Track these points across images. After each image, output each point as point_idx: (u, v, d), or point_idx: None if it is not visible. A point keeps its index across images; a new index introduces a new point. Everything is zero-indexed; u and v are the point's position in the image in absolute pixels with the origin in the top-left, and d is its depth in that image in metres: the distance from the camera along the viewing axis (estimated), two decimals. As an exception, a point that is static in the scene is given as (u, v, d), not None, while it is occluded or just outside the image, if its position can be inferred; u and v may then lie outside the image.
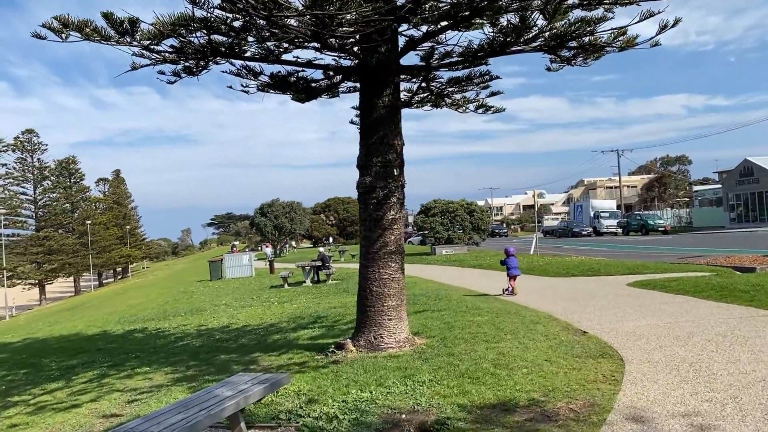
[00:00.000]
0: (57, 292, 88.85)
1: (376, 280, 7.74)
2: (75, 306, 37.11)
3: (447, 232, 37.31)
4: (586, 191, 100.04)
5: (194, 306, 18.22)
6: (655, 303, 10.31)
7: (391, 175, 7.72)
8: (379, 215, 7.71)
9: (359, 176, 7.89)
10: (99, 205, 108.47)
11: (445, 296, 13.52)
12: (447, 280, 18.75)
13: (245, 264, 31.09)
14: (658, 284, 12.67)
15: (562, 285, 14.54)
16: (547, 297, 12.34)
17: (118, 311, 21.37)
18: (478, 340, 7.80)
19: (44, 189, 75.04)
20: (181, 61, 7.72)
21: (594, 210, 58.48)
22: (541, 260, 23.61)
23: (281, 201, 56.34)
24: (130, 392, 7.24)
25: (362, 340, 7.77)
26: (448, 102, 9.60)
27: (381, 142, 7.72)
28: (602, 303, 10.81)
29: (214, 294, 22.07)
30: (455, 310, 10.79)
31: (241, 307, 16.58)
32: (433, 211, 38.06)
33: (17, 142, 71.86)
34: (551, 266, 19.91)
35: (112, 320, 17.34)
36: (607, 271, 17.00)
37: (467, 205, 38.57)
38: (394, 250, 7.77)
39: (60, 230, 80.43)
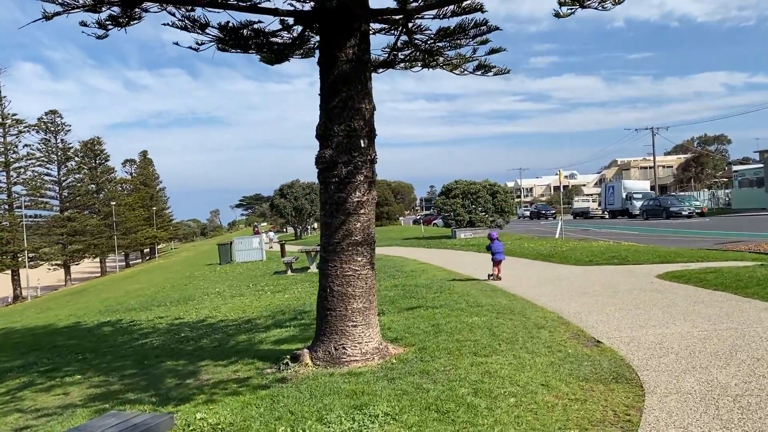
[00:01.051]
0: (85, 272, 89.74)
1: (338, 278, 6.29)
2: (81, 290, 36.58)
3: (469, 215, 35.63)
4: (619, 172, 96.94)
5: (185, 294, 17.06)
6: (689, 302, 8.66)
7: (357, 147, 6.23)
8: (341, 197, 6.24)
9: (319, 149, 6.43)
10: (125, 186, 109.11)
11: (448, 288, 12.01)
12: (459, 267, 17.22)
13: (255, 247, 29.96)
14: (692, 276, 10.96)
15: (582, 276, 12.89)
16: (562, 291, 10.74)
17: (112, 298, 20.39)
18: (464, 352, 6.31)
19: (68, 170, 74.95)
20: (102, 8, 6.32)
21: (626, 191, 55.93)
22: (565, 245, 21.88)
23: (302, 182, 55.18)
24: (30, 414, 5.95)
25: (321, 350, 6.34)
26: (440, 61, 8.02)
27: (344, 107, 6.22)
28: (625, 300, 9.18)
29: (213, 280, 20.93)
30: (452, 307, 9.29)
31: (230, 296, 15.34)
32: (454, 192, 36.37)
33: (40, 123, 71.79)
34: (574, 252, 18.23)
35: (97, 309, 16.29)
36: (635, 259, 15.27)
37: (490, 186, 36.79)
38: (361, 240, 6.30)
39: (85, 211, 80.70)
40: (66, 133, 74.81)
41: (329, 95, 6.30)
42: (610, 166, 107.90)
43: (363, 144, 6.27)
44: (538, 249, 20.72)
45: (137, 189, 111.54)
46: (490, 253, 13.51)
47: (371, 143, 6.43)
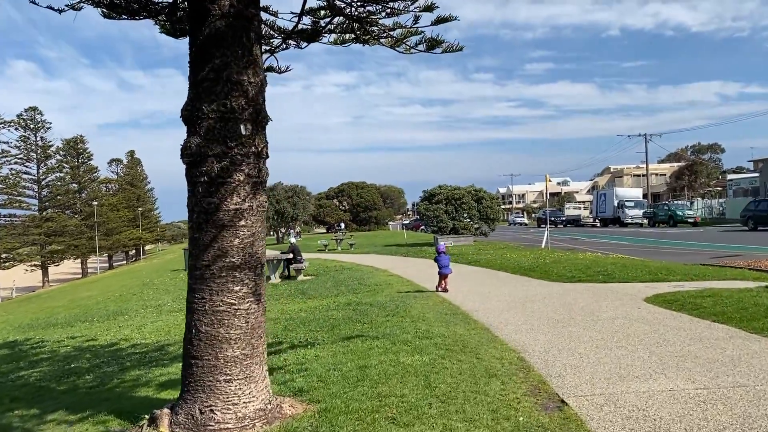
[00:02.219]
0: (66, 273, 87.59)
1: (207, 314, 4.60)
2: (33, 297, 34.72)
3: (452, 222, 34.00)
4: (612, 179, 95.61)
5: (122, 307, 15.35)
6: (683, 339, 7.00)
7: (235, 134, 4.55)
8: (212, 203, 4.55)
9: (186, 136, 4.75)
10: (110, 186, 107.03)
11: (403, 309, 10.34)
12: (428, 280, 15.53)
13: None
14: (687, 301, 9.31)
15: (561, 296, 11.24)
16: (533, 317, 9.07)
17: (49, 308, 18.62)
18: (380, 417, 4.61)
19: (48, 168, 72.99)
20: None
21: (618, 199, 54.46)
22: (550, 257, 20.28)
23: (284, 184, 53.45)
24: None
25: (183, 413, 4.64)
26: (376, 33, 6.36)
27: (217, 79, 4.54)
28: (605, 334, 7.52)
29: (164, 290, 19.18)
30: (396, 339, 7.61)
31: (167, 311, 13.64)
32: (438, 197, 34.75)
33: (19, 119, 69.83)
34: (557, 266, 16.60)
35: (18, 323, 14.54)
36: (622, 275, 13.64)
37: (475, 191, 35.18)
38: (240, 262, 4.61)
39: (67, 211, 78.68)
40: (46, 131, 72.96)
41: (198, 63, 4.62)
42: (603, 173, 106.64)
43: (244, 131, 4.59)
44: (519, 261, 19.09)
45: (123, 189, 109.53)
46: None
47: (258, 130, 4.75)
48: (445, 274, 12.91)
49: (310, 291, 14.83)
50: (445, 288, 12.94)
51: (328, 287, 15.36)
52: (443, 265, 12.89)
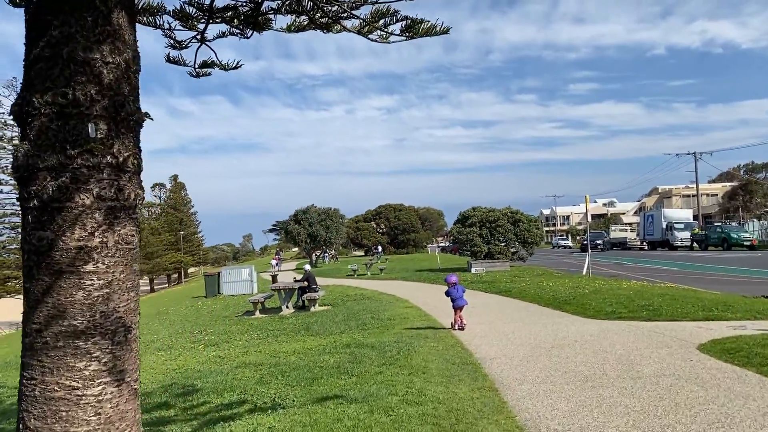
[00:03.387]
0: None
1: (39, 402, 3.13)
2: None
3: (487, 246, 32.14)
4: (660, 200, 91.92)
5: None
6: (753, 415, 5.20)
7: (78, 138, 3.11)
8: (44, 239, 3.11)
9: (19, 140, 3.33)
10: (152, 210, 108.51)
11: (405, 355, 8.74)
12: (447, 314, 13.89)
13: (245, 279, 27.03)
14: (753, 352, 7.43)
15: (595, 340, 9.45)
16: (557, 371, 7.35)
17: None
18: None
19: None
20: None
21: (667, 220, 51.56)
22: (590, 285, 18.35)
23: (317, 207, 52.42)
24: None
25: None
26: (334, 12, 4.90)
27: (55, 56, 3.12)
28: (645, 402, 5.77)
29: (170, 322, 17.99)
30: (379, 403, 6.02)
31: (155, 350, 12.33)
32: (471, 220, 33.00)
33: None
34: (597, 298, 14.73)
35: (7, 358, 13.44)
36: (670, 311, 11.73)
37: (512, 213, 33.30)
38: (85, 327, 3.11)
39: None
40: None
41: (32, 37, 3.22)
42: (650, 194, 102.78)
43: (94, 132, 3.13)
44: (555, 291, 17.24)
45: (165, 213, 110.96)
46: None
47: (120, 132, 3.29)
48: (460, 306, 11.39)
49: (315, 326, 13.35)
50: (462, 325, 11.40)
51: (337, 321, 13.86)
52: (456, 297, 11.38)
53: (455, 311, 11.51)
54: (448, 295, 11.65)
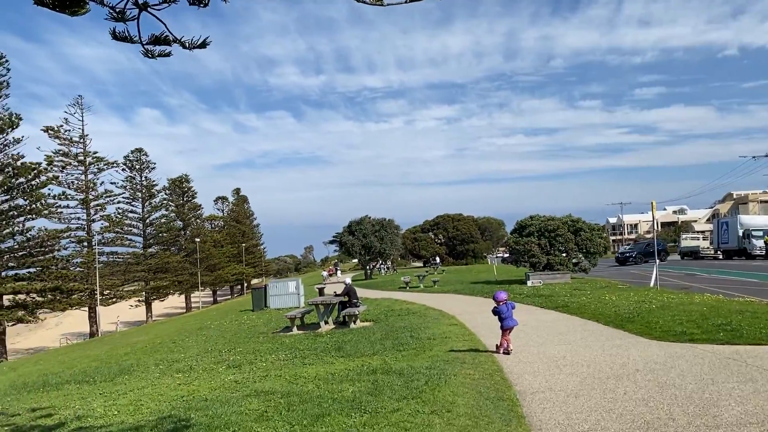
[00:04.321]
0: (174, 307, 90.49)
1: None
2: (98, 340, 34.29)
3: (546, 256, 30.37)
4: (735, 206, 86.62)
5: (139, 361, 13.49)
6: None
7: None
8: None
9: None
10: (215, 223, 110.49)
11: (436, 385, 7.55)
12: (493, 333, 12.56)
13: (291, 292, 26.28)
14: None
15: (661, 370, 7.97)
16: (611, 412, 5.98)
17: (81, 357, 17.20)
18: None
19: (153, 206, 75.42)
20: None
21: (743, 227, 48.05)
22: (658, 299, 16.63)
23: (371, 218, 51.57)
24: None
25: None
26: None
27: None
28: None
29: (204, 339, 17.28)
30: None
31: (173, 371, 11.52)
32: (529, 229, 31.30)
33: (126, 160, 72.93)
34: (664, 314, 13.11)
35: (16, 382, 12.96)
36: (752, 332, 10.07)
37: (572, 222, 31.41)
38: None
39: (172, 248, 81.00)
40: (151, 170, 75.60)
41: None
42: (724, 200, 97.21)
43: None
44: (618, 306, 15.62)
45: (228, 226, 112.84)
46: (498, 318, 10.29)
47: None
48: (509, 326, 10.11)
49: (348, 346, 12.27)
50: (507, 349, 10.12)
51: (372, 340, 12.74)
52: (505, 316, 10.08)
53: (503, 332, 10.24)
54: (495, 313, 10.37)
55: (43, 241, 48.80)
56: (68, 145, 60.91)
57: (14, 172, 46.10)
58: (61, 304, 49.02)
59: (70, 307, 51.38)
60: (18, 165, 46.35)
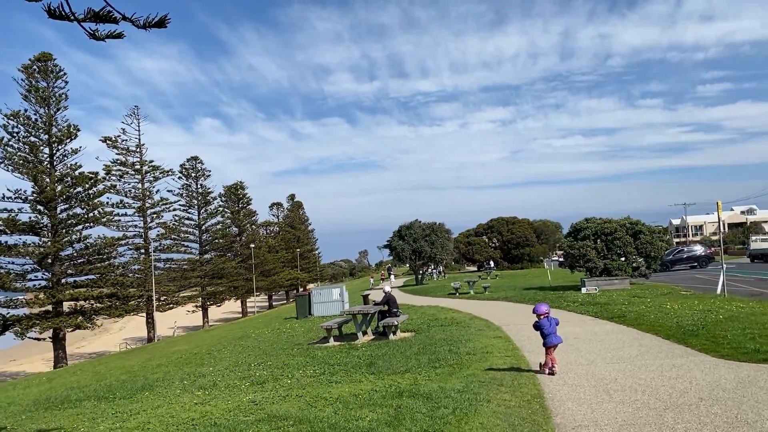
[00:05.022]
0: (231, 312, 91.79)
1: None
2: (142, 348, 34.41)
3: (603, 261, 28.75)
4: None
5: (166, 375, 13.00)
6: None
7: None
8: None
9: None
10: (270, 228, 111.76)
11: (462, 414, 6.65)
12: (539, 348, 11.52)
13: (335, 300, 25.65)
14: None
15: (731, 398, 6.82)
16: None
17: (118, 368, 16.92)
18: None
19: (208, 213, 76.55)
20: None
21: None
22: (725, 308, 15.19)
23: (421, 222, 50.60)
24: None
25: None
26: None
27: None
28: None
29: (241, 349, 16.75)
30: None
31: (193, 388, 10.94)
32: (584, 232, 29.72)
33: (182, 169, 74.31)
34: (733, 327, 11.78)
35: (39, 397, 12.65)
36: (841, 351, 8.72)
37: (631, 224, 29.65)
38: None
39: (228, 254, 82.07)
40: (206, 178, 76.82)
41: None
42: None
43: None
44: (680, 316, 14.28)
45: (283, 231, 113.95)
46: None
47: None
48: (553, 344, 9.12)
49: (380, 361, 11.43)
50: (552, 369, 9.12)
51: (407, 355, 11.87)
52: (548, 332, 9.11)
53: (546, 350, 9.24)
54: (537, 328, 9.41)
55: (101, 248, 49.91)
56: (125, 154, 62.43)
57: (72, 181, 47.36)
58: (117, 310, 50.03)
59: (126, 314, 52.42)
60: (76, 175, 47.60)
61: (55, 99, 47.83)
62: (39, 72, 47.30)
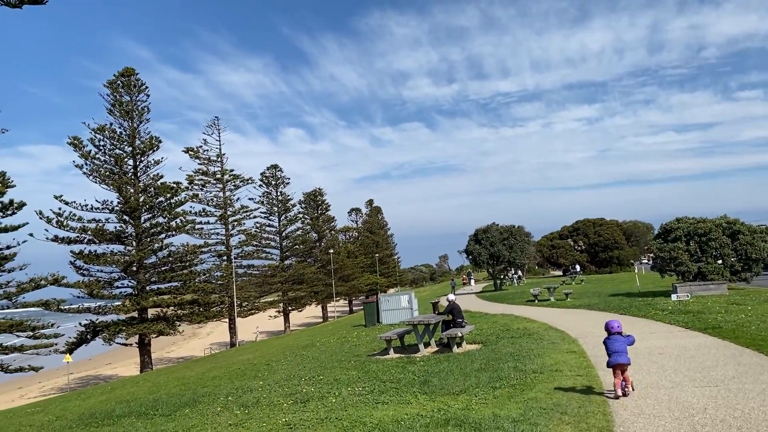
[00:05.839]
0: (313, 317, 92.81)
1: None
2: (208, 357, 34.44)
3: (696, 264, 26.34)
4: None
5: (214, 390, 12.44)
6: None
7: None
8: None
9: None
10: (350, 234, 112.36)
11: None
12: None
13: (404, 307, 24.69)
14: None
15: None
16: None
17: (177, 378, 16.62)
18: None
19: (289, 220, 77.58)
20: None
21: None
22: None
23: (499, 225, 48.84)
24: None
25: None
26: None
27: None
28: None
29: (300, 359, 16.09)
30: None
31: (234, 406, 10.25)
32: (675, 233, 27.37)
33: (263, 177, 75.78)
34: None
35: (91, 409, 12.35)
36: None
37: (727, 224, 27.07)
38: None
39: (308, 259, 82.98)
40: (285, 186, 77.97)
41: None
42: None
43: None
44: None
45: (361, 237, 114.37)
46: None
47: None
48: (618, 363, 8.03)
49: (436, 379, 10.37)
50: (624, 390, 7.99)
51: (467, 372, 10.74)
52: (613, 350, 8.08)
53: (614, 370, 8.07)
54: (605, 345, 8.30)
55: (183, 255, 51.24)
56: (207, 164, 64.15)
57: (155, 191, 48.91)
58: (199, 316, 51.19)
59: (207, 320, 53.55)
60: (158, 185, 49.12)
61: (138, 112, 49.60)
62: (123, 87, 49.23)
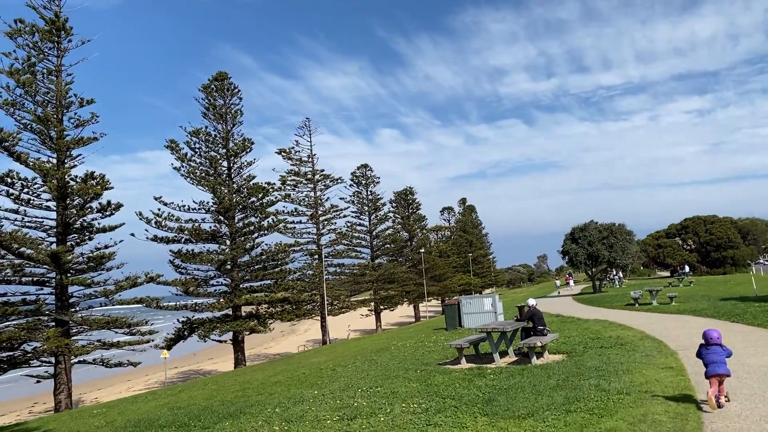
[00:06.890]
0: (407, 316, 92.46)
1: None
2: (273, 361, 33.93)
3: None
4: None
5: (270, 399, 11.67)
6: None
7: None
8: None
9: None
10: (442, 233, 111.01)
11: None
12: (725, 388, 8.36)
13: (487, 310, 23.18)
14: None
15: None
16: None
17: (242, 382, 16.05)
18: None
19: (379, 219, 77.34)
20: None
21: None
22: None
23: (598, 223, 45.88)
24: None
25: None
26: None
27: None
28: None
29: (367, 365, 15.10)
30: None
31: (277, 421, 9.37)
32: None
33: (353, 177, 76.02)
34: None
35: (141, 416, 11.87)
36: None
37: None
38: None
39: (400, 258, 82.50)
40: (375, 185, 77.78)
41: None
42: None
43: None
44: None
45: (454, 236, 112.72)
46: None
47: None
48: (717, 374, 7.60)
49: (502, 397, 9.02)
50: (719, 401, 7.51)
51: (539, 390, 9.32)
52: (710, 361, 7.67)
53: (710, 380, 7.66)
54: (700, 357, 7.91)
55: (275, 254, 51.91)
56: (299, 164, 65.00)
57: (247, 192, 49.84)
58: (290, 314, 51.67)
59: (298, 318, 53.95)
60: (250, 185, 50.01)
61: (231, 115, 50.77)
62: (216, 91, 50.52)
